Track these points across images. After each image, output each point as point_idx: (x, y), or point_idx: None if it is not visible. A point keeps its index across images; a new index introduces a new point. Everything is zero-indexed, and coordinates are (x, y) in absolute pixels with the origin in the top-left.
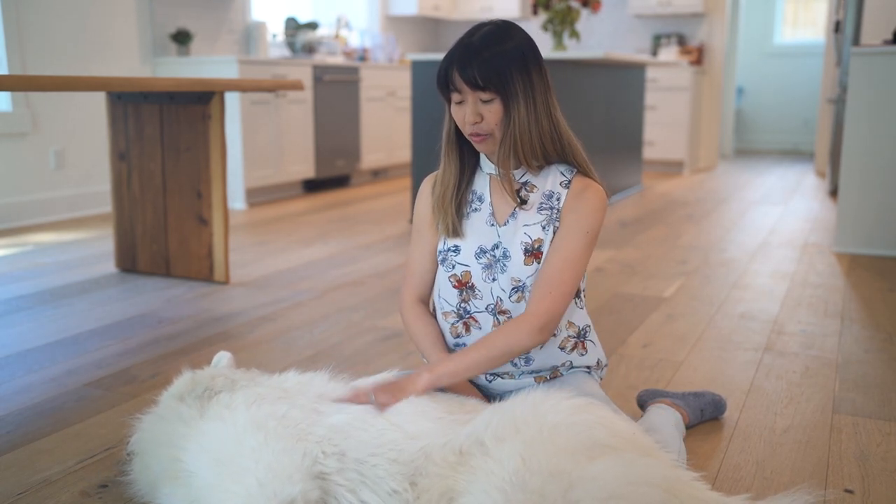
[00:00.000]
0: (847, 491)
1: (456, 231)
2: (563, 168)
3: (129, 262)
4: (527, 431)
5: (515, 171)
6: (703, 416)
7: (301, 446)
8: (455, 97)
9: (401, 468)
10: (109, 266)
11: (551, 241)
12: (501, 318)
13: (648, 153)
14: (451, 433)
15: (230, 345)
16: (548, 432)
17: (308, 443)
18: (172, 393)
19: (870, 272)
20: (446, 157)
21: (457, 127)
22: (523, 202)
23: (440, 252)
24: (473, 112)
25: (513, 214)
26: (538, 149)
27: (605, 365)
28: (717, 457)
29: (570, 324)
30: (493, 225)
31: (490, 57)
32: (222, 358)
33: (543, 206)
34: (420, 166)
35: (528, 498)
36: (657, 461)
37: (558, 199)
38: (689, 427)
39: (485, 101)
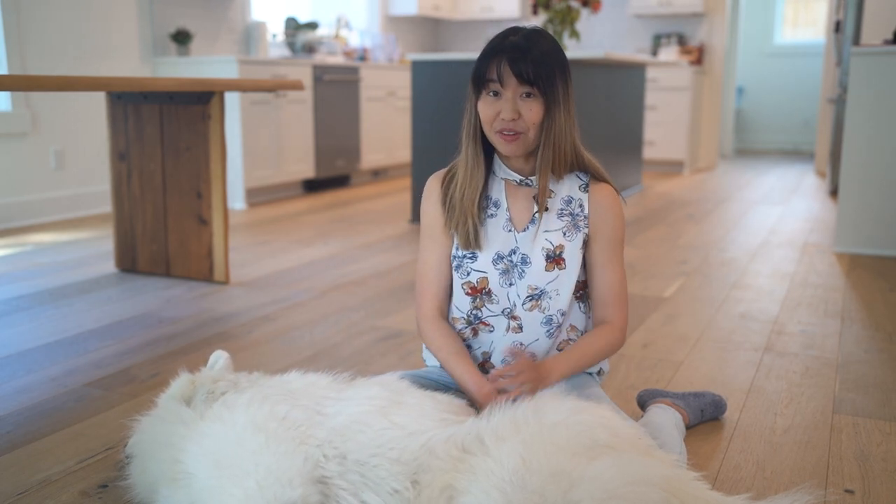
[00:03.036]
0: (847, 491)
1: (477, 240)
2: (578, 173)
3: (129, 262)
4: (527, 431)
5: (533, 178)
6: (703, 416)
7: (302, 450)
8: (492, 87)
9: (402, 468)
10: (109, 266)
11: (580, 251)
12: (513, 323)
13: (648, 153)
14: (453, 428)
15: (230, 345)
16: (548, 432)
17: (309, 446)
18: (171, 395)
19: (870, 272)
20: (473, 158)
21: (480, 128)
22: (545, 208)
23: (455, 258)
24: (512, 108)
25: (532, 220)
26: (569, 157)
27: (607, 372)
28: (717, 457)
29: (573, 327)
30: (510, 231)
31: (540, 56)
32: (219, 358)
33: (563, 211)
34: (420, 166)
35: (527, 498)
36: (658, 461)
37: (581, 206)
38: (689, 427)
39: (526, 96)
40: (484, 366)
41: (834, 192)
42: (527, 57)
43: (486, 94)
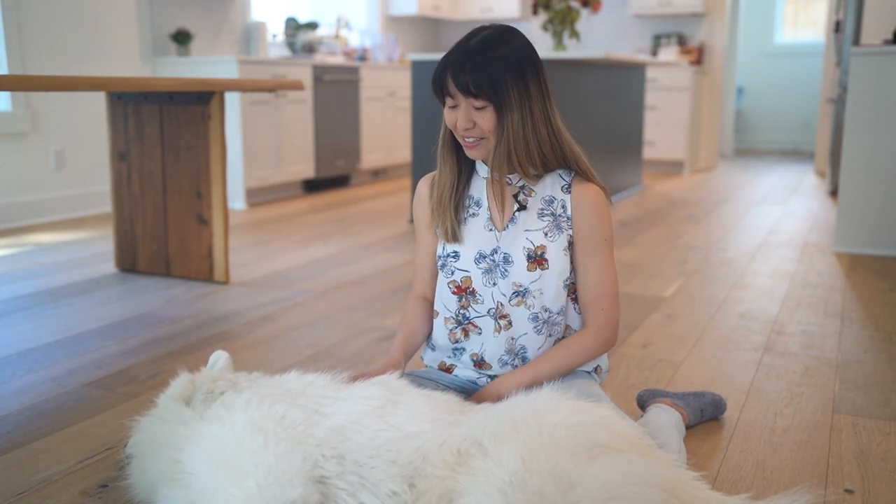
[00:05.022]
0: (847, 491)
1: (455, 235)
2: (561, 172)
3: (129, 262)
4: (526, 432)
5: (512, 176)
6: (703, 416)
7: (301, 449)
8: (448, 101)
9: (399, 470)
10: (109, 266)
11: (564, 252)
12: (502, 321)
13: (648, 153)
14: (447, 433)
15: (230, 345)
16: (547, 433)
17: (308, 446)
18: (171, 395)
19: (870, 272)
20: (442, 159)
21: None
22: (522, 206)
23: (440, 258)
24: (465, 118)
25: (512, 219)
26: (536, 157)
27: (607, 370)
28: (717, 457)
29: (568, 327)
30: (491, 230)
31: (484, 63)
32: (219, 358)
33: (545, 211)
34: (420, 166)
35: (528, 498)
36: (657, 461)
37: (563, 207)
38: (689, 427)
39: (478, 108)
40: (480, 367)
41: (834, 192)
42: (467, 67)
43: (447, 104)
